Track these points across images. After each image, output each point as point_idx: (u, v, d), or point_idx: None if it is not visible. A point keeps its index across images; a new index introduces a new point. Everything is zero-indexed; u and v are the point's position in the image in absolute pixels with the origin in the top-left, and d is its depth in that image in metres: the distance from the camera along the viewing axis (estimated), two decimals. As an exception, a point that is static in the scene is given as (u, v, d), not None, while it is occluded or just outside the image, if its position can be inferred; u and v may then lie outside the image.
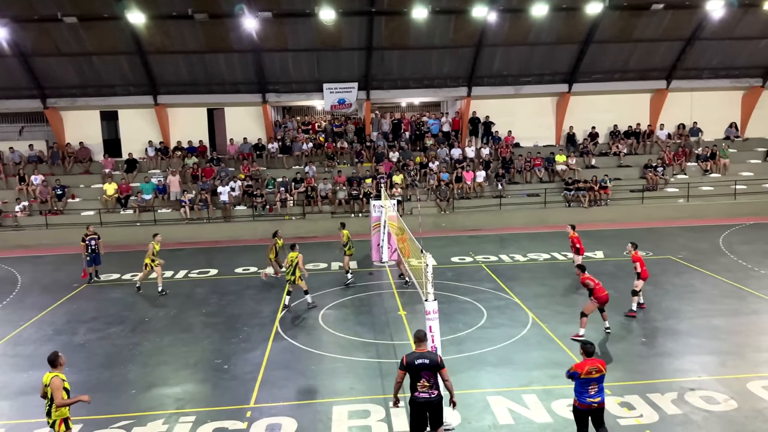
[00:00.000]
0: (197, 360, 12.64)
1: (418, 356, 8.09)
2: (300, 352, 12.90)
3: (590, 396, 8.23)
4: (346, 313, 15.44)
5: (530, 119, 29.69)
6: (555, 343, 12.86)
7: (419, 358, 8.07)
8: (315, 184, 26.86)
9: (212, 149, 29.63)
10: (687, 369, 11.48)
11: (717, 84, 29.48)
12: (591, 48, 27.05)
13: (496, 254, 20.99)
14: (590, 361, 8.31)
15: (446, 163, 28.53)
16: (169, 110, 28.79)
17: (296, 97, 29.35)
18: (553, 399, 10.29)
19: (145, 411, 10.42)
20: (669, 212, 26.53)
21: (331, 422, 9.83)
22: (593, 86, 28.92)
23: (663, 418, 9.65)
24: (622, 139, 29.97)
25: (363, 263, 20.31)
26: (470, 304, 15.64)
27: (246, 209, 26.38)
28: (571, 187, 27.07)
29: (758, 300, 15.36)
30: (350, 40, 26.09)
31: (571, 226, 18.18)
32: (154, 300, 16.85)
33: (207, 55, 26.42)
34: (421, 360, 8.05)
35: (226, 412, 10.25)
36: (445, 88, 29.00)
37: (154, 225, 25.65)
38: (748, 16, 25.79)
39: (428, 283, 9.45)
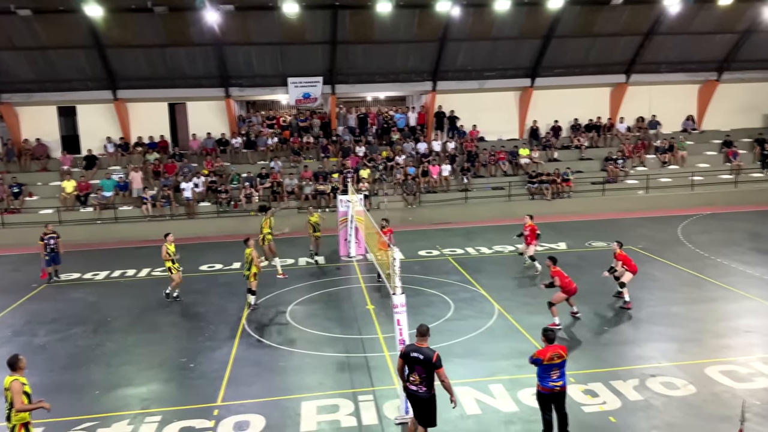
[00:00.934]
0: (162, 359, 12.45)
1: (415, 349, 8.10)
2: (267, 348, 12.82)
3: (552, 380, 8.52)
4: (314, 308, 15.39)
5: (494, 113, 29.97)
6: (520, 334, 13.06)
7: (415, 351, 8.08)
8: (281, 180, 26.65)
9: (174, 145, 29.10)
10: (648, 356, 11.80)
11: (674, 78, 30.25)
12: (553, 43, 27.44)
13: (463, 247, 21.18)
14: (552, 348, 8.59)
15: (412, 157, 28.63)
16: (129, 105, 28.15)
17: (260, 91, 29.05)
18: (519, 388, 10.46)
19: (109, 412, 10.22)
20: (629, 203, 27.16)
21: (300, 418, 9.80)
22: (555, 80, 29.36)
23: (625, 404, 9.91)
24: (584, 132, 30.53)
25: (331, 258, 20.27)
26: (438, 296, 15.76)
27: (210, 205, 26.01)
28: (534, 180, 27.48)
29: (715, 288, 15.87)
30: (314, 33, 25.92)
31: (530, 216, 18.29)
32: (117, 300, 16.51)
33: (168, 48, 25.90)
34: (416, 354, 8.05)
35: (193, 411, 10.13)
36: (410, 82, 29.07)
37: (115, 223, 25.17)
38: (703, 11, 26.50)
39: (396, 277, 9.49)
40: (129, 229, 24.90)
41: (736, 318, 13.72)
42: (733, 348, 12.05)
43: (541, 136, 30.25)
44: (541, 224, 24.48)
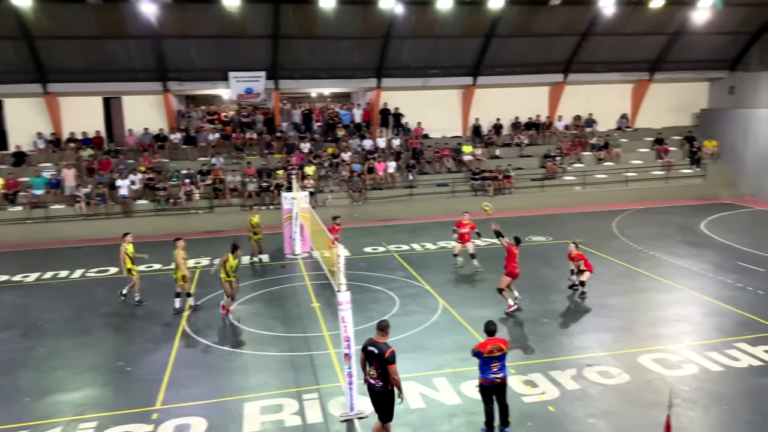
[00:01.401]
0: (97, 363, 11.98)
1: (372, 343, 8.24)
2: (209, 349, 12.54)
3: (493, 373, 8.70)
4: (258, 307, 15.17)
5: (438, 111, 30.30)
6: (464, 327, 13.26)
7: (372, 345, 8.23)
8: (223, 176, 26.10)
9: (109, 141, 28.03)
10: (585, 346, 12.20)
11: (609, 77, 31.32)
12: (494, 42, 27.92)
13: (408, 243, 21.32)
14: (492, 341, 8.77)
15: (358, 154, 28.60)
16: (60, 99, 26.93)
17: (200, 85, 28.34)
18: (462, 381, 10.61)
19: (41, 419, 9.78)
20: (567, 199, 28.01)
21: (242, 419, 9.64)
22: (496, 79, 29.88)
23: (563, 393, 10.21)
24: (524, 130, 31.24)
25: (275, 256, 20.01)
26: (383, 293, 15.81)
27: (148, 203, 25.21)
28: (477, 177, 27.94)
29: (647, 279, 16.55)
30: (256, 27, 25.47)
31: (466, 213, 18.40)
32: (49, 302, 15.79)
33: (102, 41, 24.90)
34: (372, 348, 8.20)
35: (131, 416, 9.80)
36: (355, 78, 29.00)
37: (46, 222, 24.07)
38: (636, 13, 27.52)
39: (340, 274, 9.45)
40: (62, 228, 23.86)
41: (666, 308, 14.35)
42: (664, 337, 12.60)
43: (483, 134, 30.78)
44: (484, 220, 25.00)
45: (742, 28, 29.27)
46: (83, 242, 22.85)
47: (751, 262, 17.70)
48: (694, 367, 11.05)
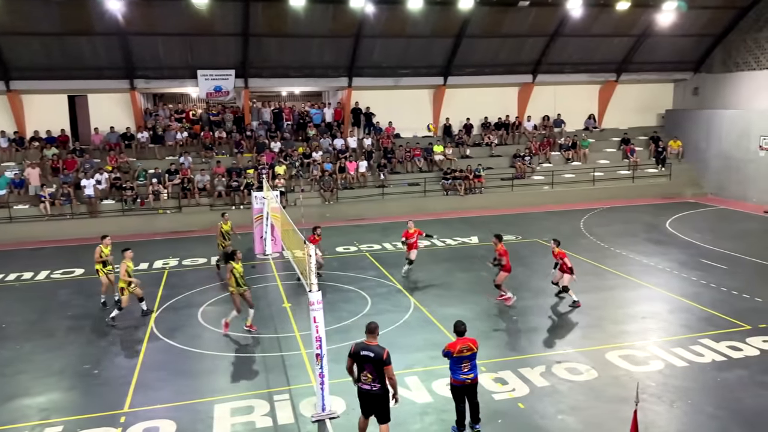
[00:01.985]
0: (62, 366, 11.71)
1: (364, 347, 8.06)
2: (178, 351, 12.36)
3: (463, 373, 8.70)
4: (228, 309, 14.92)
5: (409, 110, 30.40)
6: (435, 326, 13.33)
7: (365, 349, 8.04)
8: (191, 176, 25.75)
9: (75, 139, 27.42)
10: (554, 343, 12.40)
11: (577, 78, 31.81)
12: (464, 42, 28.09)
13: (380, 242, 21.34)
14: (462, 341, 8.75)
15: (329, 153, 28.50)
16: (23, 97, 26.25)
17: (168, 83, 27.91)
18: (434, 379, 10.67)
19: (5, 424, 9.54)
20: (536, 198, 28.36)
21: (212, 421, 9.53)
22: (466, 79, 30.10)
23: (533, 390, 10.34)
24: (493, 130, 31.53)
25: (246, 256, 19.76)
26: (355, 292, 15.79)
27: (114, 203, 24.73)
28: (448, 177, 28.12)
29: (615, 277, 16.86)
30: (225, 25, 25.18)
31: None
32: (12, 304, 15.37)
33: (66, 37, 24.33)
34: (366, 352, 8.01)
35: (98, 419, 9.61)
36: (326, 78, 28.90)
37: (9, 223, 23.43)
38: (603, 15, 27.99)
39: (311, 274, 9.41)
40: (25, 229, 23.26)
41: (633, 305, 14.65)
42: (631, 333, 12.85)
43: (454, 134, 30.97)
44: (455, 219, 25.26)
45: (706, 30, 30.01)
46: (48, 243, 22.31)
47: (713, 260, 18.18)
48: (660, 363, 11.30)
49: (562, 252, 14.92)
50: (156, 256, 19.94)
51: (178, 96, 37.84)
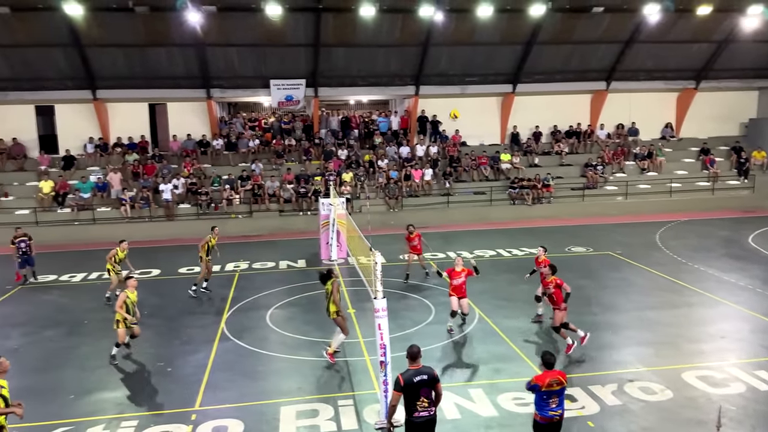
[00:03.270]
0: (138, 363, 12.26)
1: (416, 373, 7.62)
2: (246, 352, 12.69)
3: (552, 409, 7.87)
4: (294, 312, 15.30)
5: (476, 118, 30.19)
6: (499, 337, 13.10)
7: (417, 375, 7.60)
8: (262, 182, 26.49)
9: (154, 146, 28.79)
10: (625, 361, 11.91)
11: (653, 86, 30.69)
12: (534, 49, 27.67)
13: (443, 251, 21.21)
14: (551, 373, 7.90)
15: (395, 161, 28.66)
16: (108, 105, 27.82)
17: (242, 93, 28.89)
18: (498, 393, 10.48)
19: (84, 417, 10.04)
20: (608, 209, 27.47)
21: (278, 422, 9.72)
22: (536, 87, 29.62)
23: (603, 408, 9.98)
24: (564, 138, 30.82)
25: (312, 262, 20.18)
26: (418, 300, 15.76)
27: (190, 207, 25.77)
28: (515, 185, 27.68)
29: (691, 293, 16.07)
30: (297, 36, 25.84)
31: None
32: (91, 302, 16.23)
33: (148, 48, 25.64)
34: (420, 377, 7.59)
35: (170, 416, 9.99)
36: (393, 86, 29.13)
37: (93, 224, 24.81)
38: (681, 20, 26.94)
39: (377, 281, 9.44)
40: (107, 230, 24.54)
41: (711, 323, 13.91)
42: (708, 353, 12.20)
43: (522, 142, 30.49)
44: (521, 229, 24.81)
45: (793, 35, 28.34)
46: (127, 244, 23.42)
47: (802, 278, 17.04)
48: (741, 385, 10.66)
49: (547, 260, 13.76)
50: (227, 258, 20.55)
51: (251, 105, 39.09)
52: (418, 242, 17.54)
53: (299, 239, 23.48)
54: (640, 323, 13.90)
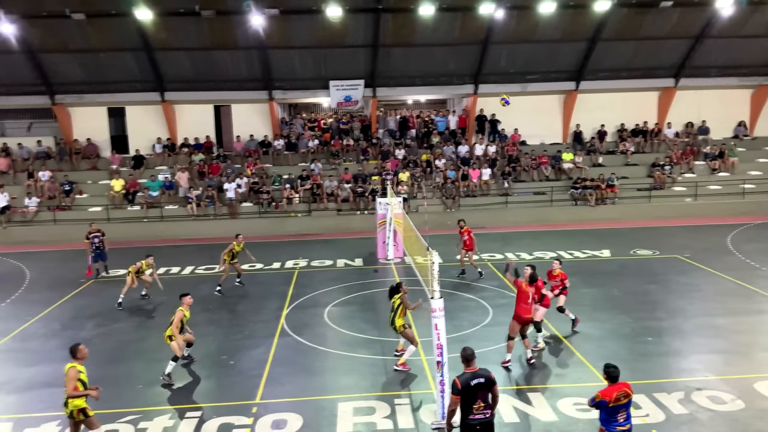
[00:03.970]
0: (202, 355, 12.67)
1: (472, 376, 7.52)
2: (305, 348, 12.92)
3: (620, 424, 7.46)
4: (351, 310, 15.46)
5: (537, 117, 29.63)
6: (560, 341, 12.82)
7: (474, 378, 7.50)
8: (321, 182, 26.89)
9: (219, 146, 29.70)
10: (693, 368, 11.44)
11: (725, 82, 29.30)
12: (598, 46, 26.93)
13: (501, 252, 20.94)
14: (616, 387, 7.49)
15: (452, 160, 28.50)
16: (175, 107, 28.87)
17: (302, 94, 29.39)
18: (559, 397, 10.28)
19: (151, 406, 10.47)
20: (676, 211, 26.41)
21: (336, 418, 9.84)
22: (600, 84, 28.82)
23: (669, 417, 9.62)
24: (630, 137, 29.85)
25: (368, 260, 20.33)
26: (475, 302, 15.63)
27: (252, 206, 26.43)
28: (578, 186, 27.01)
29: (764, 299, 15.27)
30: (356, 37, 26.08)
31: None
32: (160, 296, 16.88)
33: (213, 51, 26.47)
34: (477, 380, 7.50)
35: (232, 408, 10.28)
36: (451, 85, 28.98)
37: (161, 221, 25.80)
38: (756, 14, 25.61)
39: (434, 281, 9.44)
40: (174, 227, 25.52)
41: (788, 332, 13.19)
42: (784, 363, 11.58)
43: (585, 141, 29.73)
44: (583, 231, 24.19)
45: None
46: (192, 241, 24.29)
47: None
48: (820, 398, 10.07)
49: (563, 274, 13.18)
50: (287, 256, 21.02)
51: (310, 106, 39.73)
52: (468, 238, 17.56)
53: (356, 238, 23.70)
54: (709, 330, 13.32)
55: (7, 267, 20.88)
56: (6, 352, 13.16)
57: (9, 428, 9.78)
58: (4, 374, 11.96)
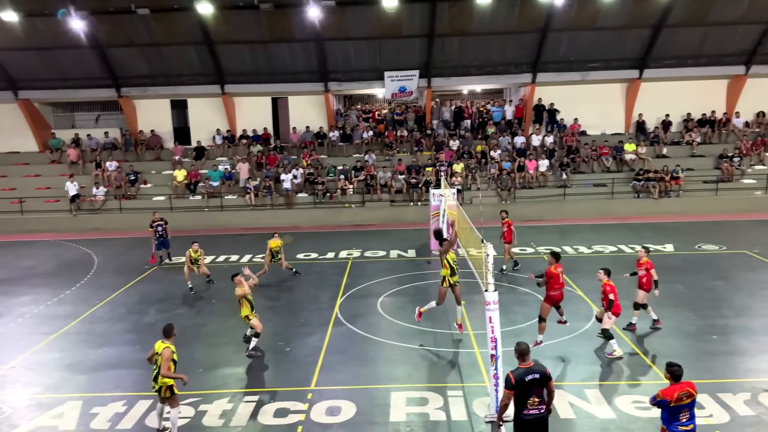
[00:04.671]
0: (259, 342, 12.95)
1: (527, 372, 7.43)
2: (358, 337, 13.04)
3: (682, 424, 7.24)
4: (404, 300, 15.48)
5: (597, 106, 28.76)
6: (620, 338, 12.47)
7: (528, 373, 7.41)
8: (374, 173, 26.98)
9: (276, 137, 30.22)
10: (760, 369, 10.92)
11: (803, 69, 27.67)
12: (663, 32, 25.87)
13: (559, 245, 20.49)
14: (679, 386, 7.24)
15: (508, 151, 28.05)
16: (235, 99, 29.51)
17: (357, 85, 29.50)
18: (617, 395, 10.02)
19: (211, 389, 10.81)
20: (745, 204, 25.19)
21: (389, 407, 9.91)
22: (665, 72, 27.70)
23: (734, 418, 9.24)
24: (696, 127, 28.61)
25: (421, 252, 20.31)
26: (530, 295, 15.38)
27: (307, 196, 26.81)
28: (640, 178, 26.11)
29: (844, 299, 14.40)
30: (412, 27, 25.95)
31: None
32: (220, 283, 17.36)
33: (271, 44, 26.89)
34: (531, 375, 7.41)
35: (288, 393, 10.50)
36: (508, 74, 28.44)
37: (221, 211, 26.52)
38: (839, -5, 24.03)
39: (488, 273, 9.34)
40: (233, 217, 26.18)
41: None
42: None
43: (648, 131, 28.69)
44: (645, 224, 23.41)
45: None
46: (250, 230, 24.87)
47: None
48: None
49: (650, 262, 12.77)
50: (341, 246, 21.24)
51: (365, 97, 39.85)
52: (507, 230, 17.29)
53: (409, 229, 23.70)
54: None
55: (77, 253, 21.93)
56: (75, 334, 13.84)
57: (78, 407, 10.29)
58: (73, 355, 12.59)
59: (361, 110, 34.17)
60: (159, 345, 8.92)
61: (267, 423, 9.60)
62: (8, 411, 10.21)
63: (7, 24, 24.48)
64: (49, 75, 27.89)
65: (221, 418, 9.80)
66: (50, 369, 11.91)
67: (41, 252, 22.19)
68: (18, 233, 25.42)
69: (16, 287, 17.71)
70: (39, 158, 29.64)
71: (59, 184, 27.20)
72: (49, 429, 9.63)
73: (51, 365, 12.09)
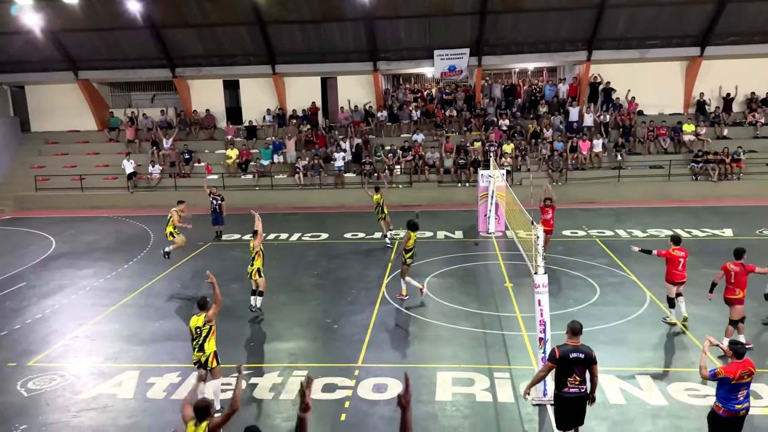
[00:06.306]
0: (308, 318, 13.23)
1: (573, 350, 7.48)
2: (405, 317, 13.12)
3: (739, 402, 7.32)
4: (451, 282, 15.45)
5: (656, 85, 27.71)
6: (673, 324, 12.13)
7: (574, 351, 7.47)
8: (423, 153, 26.82)
9: (325, 117, 30.36)
10: (827, 361, 10.45)
11: None
12: (728, 7, 24.60)
13: (612, 229, 20.02)
14: (741, 364, 7.28)
15: (560, 131, 27.39)
16: (285, 79, 29.75)
17: (406, 64, 29.23)
18: (669, 382, 9.79)
19: (262, 363, 11.11)
20: (813, 189, 23.95)
21: (435, 387, 9.96)
22: (729, 49, 26.38)
23: (795, 411, 8.89)
24: (760, 107, 27.24)
25: (469, 233, 20.17)
26: (582, 279, 15.10)
27: (355, 176, 26.92)
28: (699, 159, 25.12)
29: None
30: (464, 4, 25.48)
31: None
32: (271, 261, 17.63)
33: (321, 24, 26.89)
34: (576, 354, 7.45)
35: (336, 369, 10.68)
36: (563, 52, 27.65)
37: (271, 190, 26.93)
38: None
39: (538, 256, 9.21)
40: (282, 195, 26.57)
41: None
42: None
43: (709, 111, 27.50)
44: (704, 208, 22.58)
45: None
46: (299, 209, 25.21)
47: None
48: None
49: None
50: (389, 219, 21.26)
51: (414, 76, 39.50)
52: (550, 217, 16.54)
53: (457, 210, 23.56)
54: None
55: (135, 229, 22.73)
56: (133, 307, 14.41)
57: (136, 376, 10.74)
58: (131, 327, 13.11)
59: (409, 90, 33.91)
60: (196, 319, 9.31)
61: (315, 398, 9.76)
62: (71, 378, 10.75)
63: (68, 5, 25.26)
64: (107, 55, 28.72)
65: (271, 391, 10.06)
66: (110, 340, 12.46)
67: (101, 227, 23.12)
68: (80, 209, 26.52)
69: (79, 260, 18.53)
70: (98, 137, 30.72)
71: (117, 162, 28.15)
72: (108, 396, 10.09)
73: (111, 336, 12.64)
